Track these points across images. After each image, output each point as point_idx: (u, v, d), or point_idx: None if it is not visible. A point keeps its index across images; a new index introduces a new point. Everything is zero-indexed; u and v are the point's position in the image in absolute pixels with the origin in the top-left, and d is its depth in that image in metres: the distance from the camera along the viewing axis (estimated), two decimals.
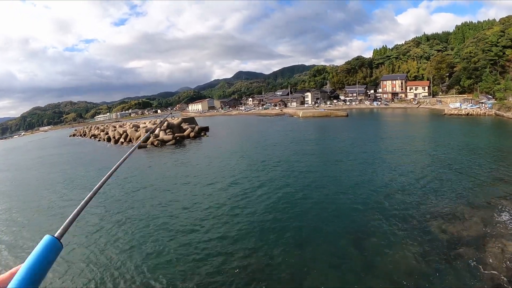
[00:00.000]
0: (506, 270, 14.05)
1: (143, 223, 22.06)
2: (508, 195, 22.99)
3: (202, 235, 19.37)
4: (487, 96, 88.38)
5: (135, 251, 18.24)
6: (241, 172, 35.00)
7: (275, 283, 14.30)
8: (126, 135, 71.94)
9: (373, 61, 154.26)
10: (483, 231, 17.71)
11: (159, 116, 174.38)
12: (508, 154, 37.20)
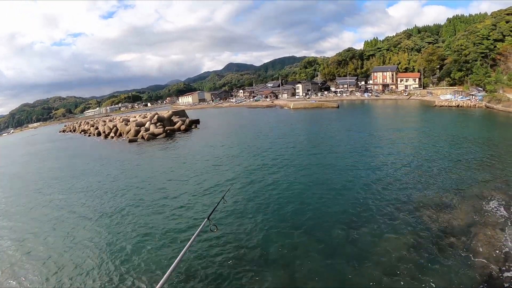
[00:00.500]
0: (495, 258, 14.48)
1: (133, 219, 22.21)
2: (497, 185, 23.65)
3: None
4: (478, 89, 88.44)
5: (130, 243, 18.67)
6: (231, 165, 34.88)
7: (268, 272, 14.46)
8: (116, 129, 71.57)
9: (364, 52, 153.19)
10: (473, 220, 18.25)
11: (149, 109, 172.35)
12: (497, 145, 37.81)
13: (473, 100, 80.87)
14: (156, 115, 68.67)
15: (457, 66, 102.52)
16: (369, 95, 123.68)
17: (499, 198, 21.16)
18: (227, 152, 42.89)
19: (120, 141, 64.83)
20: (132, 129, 63.85)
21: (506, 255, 14.89)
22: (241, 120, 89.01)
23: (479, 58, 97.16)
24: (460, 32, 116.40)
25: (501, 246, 15.61)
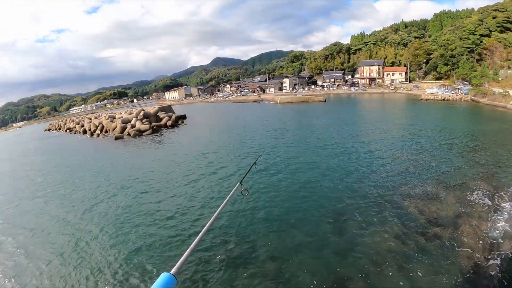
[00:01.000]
0: (480, 248, 14.83)
1: (122, 218, 21.78)
2: (482, 176, 24.13)
3: (184, 222, 19.70)
4: (463, 82, 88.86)
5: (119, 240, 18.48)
6: (218, 161, 34.41)
7: (256, 267, 14.41)
8: (102, 126, 70.12)
9: (351, 47, 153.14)
10: (459, 211, 18.58)
11: (135, 105, 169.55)
12: (482, 137, 38.47)
13: (459, 93, 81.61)
14: (142, 111, 67.55)
15: (443, 61, 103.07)
16: (355, 89, 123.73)
17: (483, 189, 21.53)
18: (214, 148, 42.19)
19: (106, 138, 63.19)
20: (118, 126, 62.51)
21: (491, 245, 15.21)
22: (228, 114, 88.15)
23: (465, 53, 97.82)
24: (447, 27, 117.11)
25: (486, 236, 15.96)
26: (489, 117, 57.04)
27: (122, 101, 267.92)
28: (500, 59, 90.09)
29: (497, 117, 55.91)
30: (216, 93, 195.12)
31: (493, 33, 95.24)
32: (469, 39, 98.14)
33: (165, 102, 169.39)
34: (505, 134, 40.07)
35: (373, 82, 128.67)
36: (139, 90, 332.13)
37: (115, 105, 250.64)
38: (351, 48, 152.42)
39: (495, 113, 60.37)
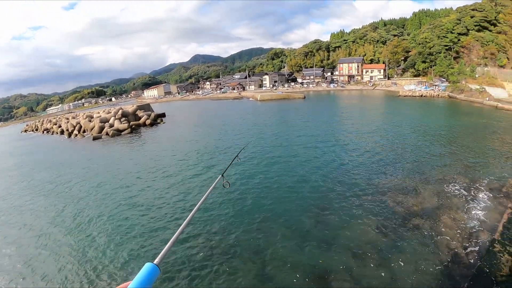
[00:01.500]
0: (458, 237, 15.39)
1: (102, 218, 21.29)
2: (458, 169, 25.27)
3: (162, 220, 19.54)
4: (441, 79, 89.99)
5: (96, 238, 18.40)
6: (198, 158, 34.36)
7: (240, 260, 14.46)
8: (80, 126, 67.75)
9: (331, 44, 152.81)
10: (437, 203, 19.20)
11: (113, 104, 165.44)
12: (459, 132, 40.17)
13: (436, 90, 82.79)
14: (120, 110, 66.47)
15: (421, 58, 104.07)
16: (335, 86, 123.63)
17: (460, 181, 22.36)
18: (194, 146, 41.89)
19: (84, 138, 61.06)
20: (96, 126, 61.28)
21: (469, 234, 15.77)
22: (208, 112, 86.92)
23: (443, 51, 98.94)
24: (425, 26, 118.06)
25: (464, 226, 16.54)
26: (466, 112, 58.13)
27: (100, 100, 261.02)
28: (477, 57, 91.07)
29: (474, 112, 57.29)
30: (195, 90, 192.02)
31: (471, 31, 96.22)
32: (447, 38, 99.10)
33: (144, 100, 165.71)
34: (481, 128, 41.73)
35: (352, 79, 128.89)
36: (117, 88, 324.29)
37: (93, 104, 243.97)
38: (331, 45, 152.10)
39: (472, 108, 61.82)
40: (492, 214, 17.79)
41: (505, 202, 19.27)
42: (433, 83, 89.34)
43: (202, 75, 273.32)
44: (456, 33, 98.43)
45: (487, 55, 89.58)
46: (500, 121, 46.37)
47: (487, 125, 43.86)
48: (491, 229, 16.29)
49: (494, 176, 23.43)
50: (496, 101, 63.27)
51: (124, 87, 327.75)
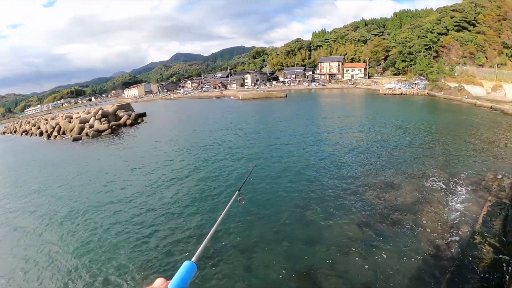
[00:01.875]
0: (439, 229, 15.65)
1: (87, 220, 20.50)
2: (438, 164, 25.75)
3: (146, 222, 18.89)
4: (421, 78, 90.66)
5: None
6: (180, 159, 33.47)
7: (223, 259, 14.27)
8: (59, 127, 64.63)
9: (312, 43, 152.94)
10: (417, 197, 19.41)
11: (93, 104, 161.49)
12: (438, 128, 41.14)
13: (416, 88, 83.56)
14: (100, 110, 64.20)
15: (402, 57, 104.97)
16: (316, 85, 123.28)
17: (440, 176, 22.74)
18: (175, 147, 40.70)
19: (63, 140, 58.28)
20: (76, 127, 58.78)
21: (449, 226, 15.98)
22: (190, 111, 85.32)
23: (423, 50, 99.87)
24: (406, 26, 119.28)
25: (444, 219, 16.75)
26: (445, 109, 58.99)
27: (80, 100, 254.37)
28: (456, 56, 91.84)
29: (453, 109, 58.01)
30: (177, 89, 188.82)
31: (450, 31, 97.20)
32: (427, 37, 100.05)
33: (124, 99, 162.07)
34: (460, 124, 42.66)
35: (333, 77, 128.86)
36: (97, 88, 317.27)
37: (72, 104, 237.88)
38: (312, 44, 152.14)
39: (451, 106, 62.59)
40: (472, 207, 17.91)
41: (484, 195, 19.46)
42: (412, 81, 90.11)
43: (183, 74, 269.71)
44: (436, 33, 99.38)
45: (466, 55, 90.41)
46: (478, 118, 47.49)
47: (465, 122, 44.75)
48: (472, 221, 16.40)
49: (473, 170, 23.86)
50: (474, 99, 63.85)
51: (104, 86, 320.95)
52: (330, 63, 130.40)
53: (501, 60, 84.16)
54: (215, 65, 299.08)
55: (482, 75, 78.33)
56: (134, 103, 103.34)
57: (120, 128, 61.04)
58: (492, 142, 33.53)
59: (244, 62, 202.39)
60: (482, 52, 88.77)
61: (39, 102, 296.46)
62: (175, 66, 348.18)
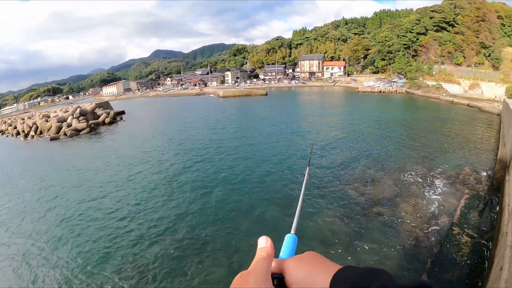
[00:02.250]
0: (418, 221, 16.05)
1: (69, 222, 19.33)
2: (416, 159, 26.39)
3: (128, 221, 18.41)
4: (399, 76, 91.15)
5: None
6: (157, 158, 32.73)
7: (205, 256, 14.24)
8: (36, 127, 61.45)
9: (293, 41, 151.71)
10: (397, 191, 19.86)
11: (70, 102, 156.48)
12: (417, 124, 42.15)
13: (395, 86, 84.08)
14: (78, 108, 61.62)
15: (381, 56, 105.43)
16: (296, 82, 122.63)
17: (418, 171, 23.38)
18: (154, 145, 39.36)
19: (41, 140, 55.51)
20: (54, 126, 56.09)
21: (428, 218, 16.34)
22: (169, 109, 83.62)
23: (402, 49, 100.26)
24: (386, 25, 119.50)
25: (423, 211, 17.12)
26: (423, 107, 59.54)
27: (57, 98, 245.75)
28: (434, 55, 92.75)
29: (431, 107, 59.07)
30: (156, 87, 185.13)
31: (429, 31, 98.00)
32: (406, 37, 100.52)
33: (103, 97, 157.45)
34: (437, 121, 43.77)
35: (313, 75, 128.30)
36: (75, 86, 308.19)
37: (49, 103, 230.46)
38: (293, 42, 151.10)
39: (429, 103, 63.53)
40: (450, 200, 18.41)
41: (461, 188, 20.07)
42: (391, 79, 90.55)
43: (162, 71, 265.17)
44: (415, 32, 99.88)
45: (444, 54, 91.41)
46: (455, 115, 48.81)
47: (443, 118, 46.00)
48: (450, 213, 16.80)
49: (451, 165, 24.74)
50: (452, 97, 64.52)
51: (82, 84, 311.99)
52: (310, 61, 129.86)
53: (478, 60, 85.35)
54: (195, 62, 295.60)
55: (460, 74, 79.42)
56: (113, 101, 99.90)
57: (99, 127, 59.17)
58: (469, 137, 34.38)
59: (224, 59, 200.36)
60: (460, 51, 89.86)
61: (16, 100, 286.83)
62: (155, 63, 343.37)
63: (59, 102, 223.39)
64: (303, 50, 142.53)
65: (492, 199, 18.56)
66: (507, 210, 14.10)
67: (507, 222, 12.86)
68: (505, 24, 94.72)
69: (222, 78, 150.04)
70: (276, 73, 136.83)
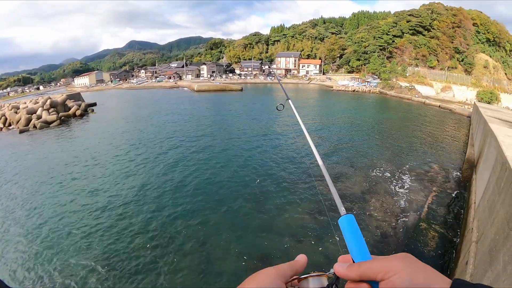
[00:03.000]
0: (387, 217, 16.17)
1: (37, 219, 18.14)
2: (387, 157, 26.70)
3: (106, 218, 17.48)
4: (373, 76, 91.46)
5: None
6: (128, 151, 31.69)
7: (180, 252, 13.95)
8: (5, 119, 58.01)
9: (270, 38, 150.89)
10: (366, 187, 20.20)
11: (41, 93, 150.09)
12: (388, 123, 42.66)
13: (368, 86, 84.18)
14: (48, 100, 58.55)
15: (356, 56, 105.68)
16: (272, 79, 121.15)
17: (388, 168, 23.81)
18: (125, 138, 37.99)
19: (9, 132, 52.33)
20: (23, 118, 53.17)
21: (396, 214, 16.51)
22: (142, 102, 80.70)
23: (377, 50, 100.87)
24: (363, 26, 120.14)
25: (392, 207, 17.31)
26: (395, 107, 60.24)
27: (27, 89, 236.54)
28: (409, 57, 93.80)
29: (402, 107, 59.87)
30: (130, 79, 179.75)
31: (405, 34, 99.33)
32: (382, 39, 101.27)
33: (74, 89, 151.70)
34: (409, 121, 44.74)
35: (289, 72, 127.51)
36: (46, 76, 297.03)
37: (19, 94, 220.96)
38: (270, 39, 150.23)
39: (401, 104, 64.20)
40: (418, 196, 18.68)
41: (430, 185, 20.50)
42: (365, 79, 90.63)
43: (137, 63, 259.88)
44: (392, 35, 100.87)
45: (418, 57, 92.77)
46: (426, 115, 49.38)
47: (414, 119, 46.83)
48: (417, 209, 17.06)
49: (420, 163, 25.28)
50: (424, 98, 65.10)
51: (54, 74, 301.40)
52: (287, 58, 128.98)
53: (451, 64, 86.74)
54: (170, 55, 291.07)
55: (433, 76, 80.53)
56: (85, 93, 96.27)
57: (70, 119, 56.55)
58: (439, 137, 34.95)
59: (200, 53, 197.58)
60: (434, 55, 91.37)
61: None
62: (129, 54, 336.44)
63: (29, 92, 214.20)
64: (280, 47, 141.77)
65: (459, 196, 18.87)
66: (473, 208, 14.42)
67: (473, 219, 13.16)
68: (480, 32, 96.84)
69: (197, 72, 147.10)
70: (252, 69, 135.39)
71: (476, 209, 13.76)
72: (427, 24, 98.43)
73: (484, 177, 14.60)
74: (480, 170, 18.15)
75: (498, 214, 9.58)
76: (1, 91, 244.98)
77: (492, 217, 10.24)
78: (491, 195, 11.68)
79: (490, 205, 11.29)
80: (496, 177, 11.70)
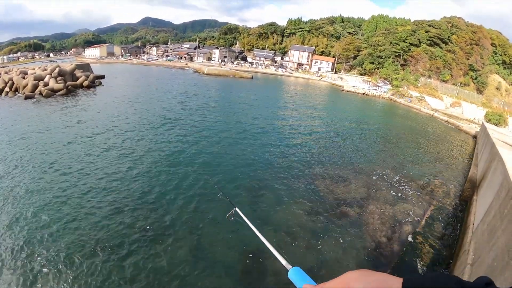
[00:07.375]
0: (383, 227, 16.14)
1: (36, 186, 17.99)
2: (390, 165, 26.46)
3: (101, 195, 17.22)
4: (385, 82, 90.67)
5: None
6: (130, 128, 31.41)
7: (173, 241, 13.74)
8: (12, 83, 57.60)
9: (286, 29, 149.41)
10: (366, 194, 20.05)
11: (51, 61, 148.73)
12: (394, 131, 42.46)
13: (379, 91, 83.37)
14: (57, 68, 57.80)
15: (370, 59, 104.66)
16: (283, 71, 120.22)
17: (389, 177, 23.58)
18: (129, 113, 38.32)
19: (15, 97, 51.48)
20: (30, 83, 52.85)
21: (393, 225, 16.47)
22: (151, 79, 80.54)
23: (392, 56, 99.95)
24: (380, 30, 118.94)
25: (389, 217, 17.22)
26: (403, 115, 59.84)
27: (37, 55, 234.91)
28: (423, 68, 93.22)
29: (411, 116, 59.55)
30: (140, 55, 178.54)
31: (422, 44, 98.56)
32: (399, 45, 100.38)
33: (84, 59, 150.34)
34: (415, 132, 44.29)
35: (301, 67, 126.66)
36: (57, 44, 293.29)
37: (29, 59, 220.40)
38: (286, 31, 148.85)
39: (409, 113, 63.88)
40: (417, 209, 18.56)
41: (429, 200, 20.48)
42: (377, 84, 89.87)
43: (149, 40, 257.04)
44: (409, 43, 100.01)
45: (432, 68, 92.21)
46: (433, 129, 48.99)
47: (422, 130, 46.54)
48: (415, 223, 17.03)
49: (423, 175, 25.12)
50: (433, 110, 64.63)
51: (65, 43, 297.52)
52: (300, 52, 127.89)
53: (464, 80, 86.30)
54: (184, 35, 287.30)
55: (444, 90, 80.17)
56: (94, 64, 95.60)
57: (77, 89, 56.35)
58: (444, 152, 34.91)
59: (214, 36, 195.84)
60: (448, 69, 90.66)
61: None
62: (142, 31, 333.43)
63: (39, 59, 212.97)
64: (295, 40, 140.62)
65: (457, 215, 18.77)
66: (471, 229, 14.30)
67: (470, 240, 13.00)
68: (497, 52, 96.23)
69: (209, 55, 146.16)
70: (264, 59, 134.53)
71: (474, 231, 13.56)
72: (446, 37, 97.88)
73: (486, 200, 14.50)
74: (482, 192, 18.06)
75: (499, 240, 9.53)
76: (12, 55, 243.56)
77: (492, 243, 10.18)
78: (492, 220, 11.59)
79: (490, 229, 11.22)
80: (500, 203, 11.62)
